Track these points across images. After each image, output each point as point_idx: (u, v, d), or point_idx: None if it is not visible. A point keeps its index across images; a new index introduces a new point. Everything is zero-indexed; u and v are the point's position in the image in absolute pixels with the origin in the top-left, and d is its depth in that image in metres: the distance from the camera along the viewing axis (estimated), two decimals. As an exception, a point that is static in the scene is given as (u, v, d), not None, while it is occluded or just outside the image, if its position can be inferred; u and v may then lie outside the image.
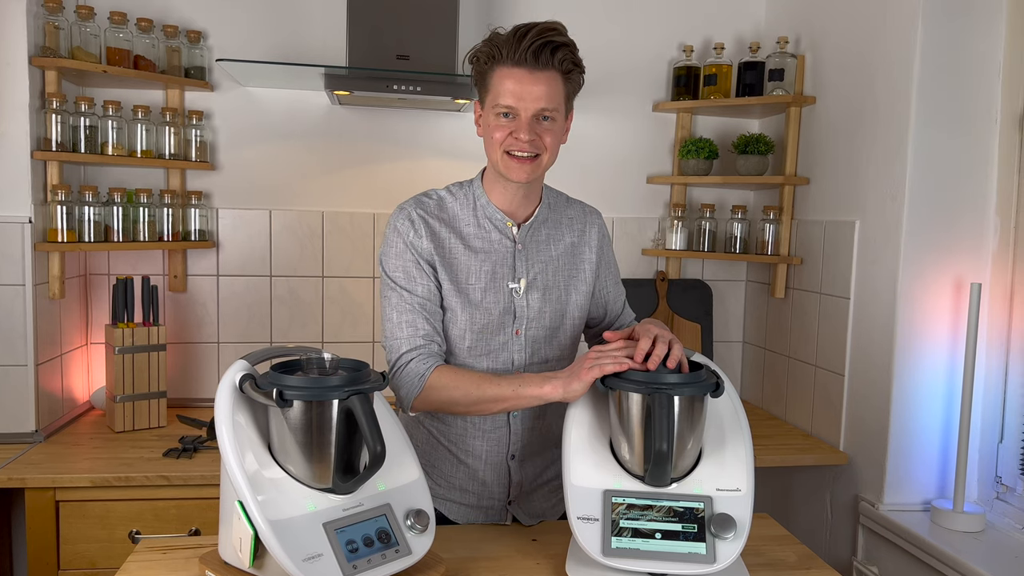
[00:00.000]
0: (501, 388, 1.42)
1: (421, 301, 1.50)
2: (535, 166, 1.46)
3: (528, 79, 1.41)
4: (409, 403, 1.49)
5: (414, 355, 1.48)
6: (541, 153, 1.45)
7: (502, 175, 1.49)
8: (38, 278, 2.20)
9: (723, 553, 1.25)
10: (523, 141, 1.43)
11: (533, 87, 1.41)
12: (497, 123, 1.45)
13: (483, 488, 1.60)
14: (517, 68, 1.41)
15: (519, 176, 1.46)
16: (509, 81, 1.42)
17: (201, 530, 2.01)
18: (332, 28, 2.59)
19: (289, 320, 2.68)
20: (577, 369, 1.36)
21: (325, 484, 1.23)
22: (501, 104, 1.43)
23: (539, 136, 1.44)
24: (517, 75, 1.41)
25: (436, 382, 1.46)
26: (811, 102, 2.51)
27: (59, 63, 2.18)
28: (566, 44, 1.42)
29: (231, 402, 1.23)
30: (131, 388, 2.31)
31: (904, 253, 2.07)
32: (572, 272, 1.61)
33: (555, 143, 1.47)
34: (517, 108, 1.42)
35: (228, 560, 1.27)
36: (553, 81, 1.43)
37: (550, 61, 1.41)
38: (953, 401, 2.09)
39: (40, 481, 1.95)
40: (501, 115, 1.44)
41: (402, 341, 1.49)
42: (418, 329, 1.49)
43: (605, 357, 1.34)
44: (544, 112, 1.43)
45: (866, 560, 2.19)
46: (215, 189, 2.61)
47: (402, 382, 1.48)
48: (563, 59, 1.42)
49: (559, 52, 1.41)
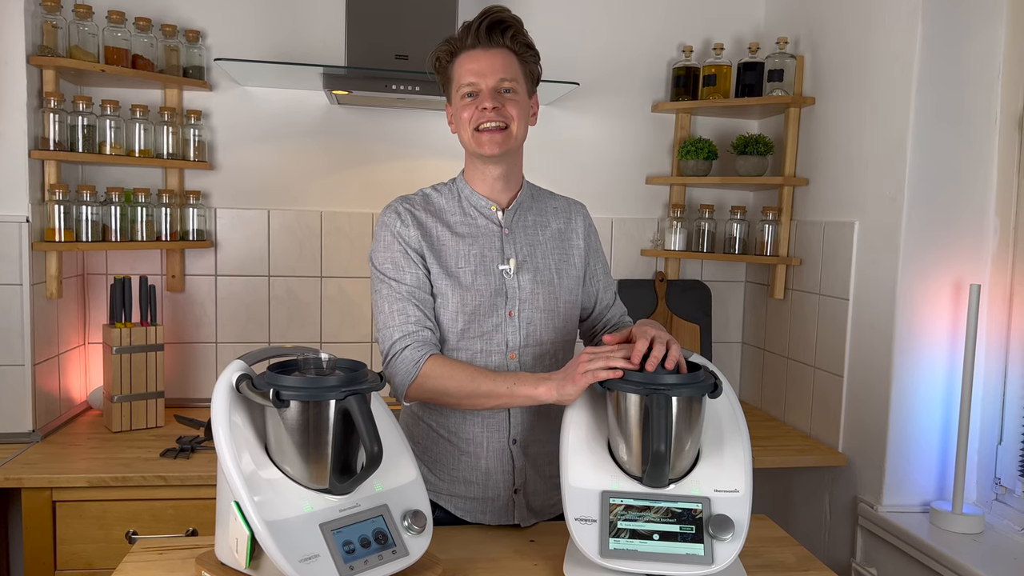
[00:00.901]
0: (496, 384, 1.43)
1: (410, 289, 1.52)
2: (505, 136, 1.52)
3: (484, 56, 1.51)
4: (404, 391, 1.49)
5: (408, 342, 1.49)
6: (509, 123, 1.51)
7: (477, 155, 1.55)
8: (35, 278, 2.20)
9: (721, 554, 1.24)
10: (488, 110, 1.49)
11: (490, 61, 1.51)
12: (463, 104, 1.53)
13: (487, 478, 1.59)
14: (473, 50, 1.52)
15: (491, 148, 1.51)
16: (467, 62, 1.52)
17: (198, 530, 2.01)
18: (331, 28, 2.59)
19: (287, 320, 2.68)
20: (571, 372, 1.36)
21: (322, 485, 1.23)
22: (464, 84, 1.52)
23: (503, 106, 1.50)
24: (474, 55, 1.52)
25: (431, 370, 1.47)
26: (810, 103, 2.51)
27: (57, 62, 2.18)
28: (513, 24, 1.53)
29: (228, 402, 1.22)
30: (128, 388, 2.31)
31: (903, 254, 2.07)
32: (562, 257, 1.63)
33: (521, 116, 1.53)
34: (478, 83, 1.51)
35: (224, 561, 1.26)
36: (508, 57, 1.52)
37: (501, 39, 1.51)
38: (952, 402, 2.09)
39: (37, 481, 1.95)
40: (466, 96, 1.52)
41: (394, 329, 1.51)
42: (409, 316, 1.51)
43: (598, 359, 1.33)
44: (504, 83, 1.51)
45: (865, 562, 2.19)
46: (213, 189, 2.60)
47: (397, 369, 1.49)
48: (514, 37, 1.52)
49: (508, 31, 1.52)
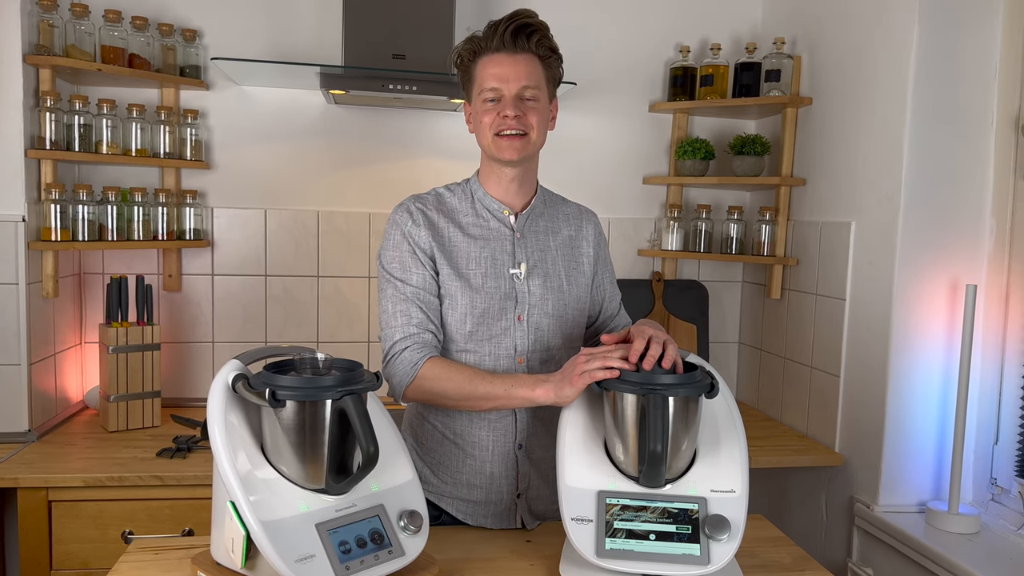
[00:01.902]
0: (493, 386, 1.43)
1: (415, 291, 1.52)
2: (524, 143, 1.51)
3: (508, 61, 1.50)
4: (401, 392, 1.49)
5: (408, 343, 1.49)
6: (528, 131, 1.51)
7: (495, 159, 1.54)
8: (32, 277, 2.19)
9: (717, 555, 1.24)
10: (510, 118, 1.49)
11: (513, 67, 1.50)
12: (484, 108, 1.52)
13: (491, 482, 1.59)
14: (497, 54, 1.51)
15: (510, 154, 1.51)
16: (491, 66, 1.51)
17: (195, 530, 2.01)
18: (328, 27, 2.58)
19: (284, 320, 2.68)
20: (569, 374, 1.36)
21: (318, 485, 1.23)
22: (486, 89, 1.51)
23: (524, 114, 1.50)
24: (498, 59, 1.50)
25: (429, 372, 1.47)
26: (807, 103, 2.51)
27: (53, 61, 2.17)
28: (540, 28, 1.52)
29: (224, 402, 1.22)
30: (125, 388, 2.30)
31: (900, 254, 2.07)
32: (571, 264, 1.63)
33: (541, 123, 1.53)
34: (501, 89, 1.50)
35: (220, 561, 1.26)
36: (532, 63, 1.51)
37: (527, 44, 1.50)
38: (948, 402, 2.09)
39: (33, 481, 1.95)
40: (488, 100, 1.52)
41: (395, 330, 1.50)
42: (411, 318, 1.50)
43: (595, 360, 1.33)
44: (527, 90, 1.50)
45: (861, 562, 2.19)
46: (210, 188, 2.60)
47: (395, 370, 1.49)
48: (539, 42, 1.51)
49: (534, 35, 1.50)
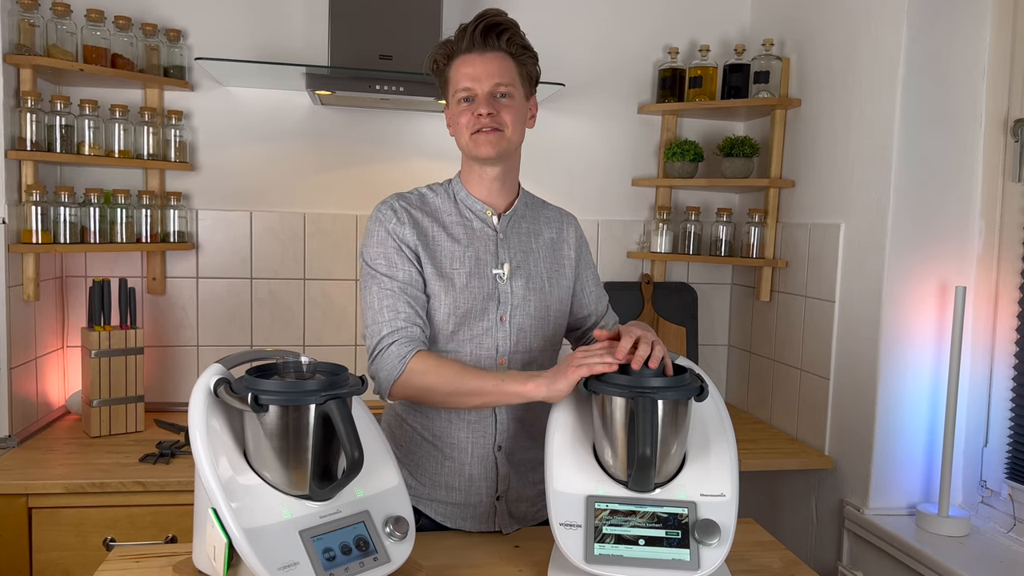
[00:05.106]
0: (483, 382, 1.41)
1: (402, 286, 1.50)
2: (499, 138, 1.52)
3: (479, 61, 1.51)
4: (388, 387, 1.47)
5: (396, 337, 1.47)
6: (503, 128, 1.51)
7: (473, 157, 1.55)
8: (12, 280, 2.16)
9: (707, 559, 1.23)
10: (484, 116, 1.50)
11: (485, 66, 1.51)
12: (460, 109, 1.53)
13: (470, 484, 1.57)
14: (468, 54, 1.52)
15: (487, 151, 1.51)
16: (464, 67, 1.52)
17: (178, 537, 1.98)
18: (314, 27, 2.56)
19: (270, 323, 2.65)
20: (563, 368, 1.35)
21: (302, 491, 1.20)
22: (460, 89, 1.52)
23: (498, 112, 1.51)
24: (470, 59, 1.52)
25: (417, 366, 1.44)
26: (796, 105, 2.50)
27: (34, 61, 2.14)
28: (509, 26, 1.52)
29: (205, 407, 1.20)
30: (108, 392, 2.27)
31: (889, 256, 2.07)
32: (554, 266, 1.63)
33: (516, 121, 1.53)
34: (474, 88, 1.50)
35: (202, 568, 1.24)
36: (503, 61, 1.52)
37: (497, 43, 1.51)
38: (938, 405, 2.09)
39: (12, 487, 1.91)
40: (462, 100, 1.53)
41: (383, 325, 1.48)
42: (399, 312, 1.48)
43: (592, 356, 1.33)
44: (500, 88, 1.51)
45: (851, 565, 2.19)
46: (195, 190, 2.57)
47: (382, 365, 1.46)
48: (510, 40, 1.52)
49: (504, 34, 1.51)
